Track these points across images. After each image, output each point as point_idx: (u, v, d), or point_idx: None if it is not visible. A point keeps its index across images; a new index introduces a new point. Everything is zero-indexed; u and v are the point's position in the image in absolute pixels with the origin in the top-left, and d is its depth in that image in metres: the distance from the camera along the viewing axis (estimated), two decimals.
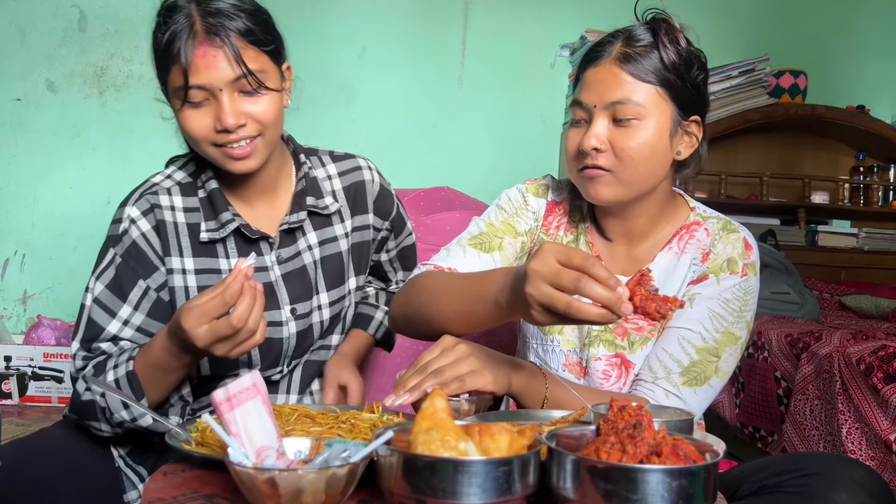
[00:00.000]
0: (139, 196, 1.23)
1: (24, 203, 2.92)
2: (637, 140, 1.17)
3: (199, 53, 1.11)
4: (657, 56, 1.18)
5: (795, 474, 0.98)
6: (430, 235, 2.35)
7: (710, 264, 1.25)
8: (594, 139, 1.18)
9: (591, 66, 1.21)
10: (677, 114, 1.20)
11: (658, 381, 1.19)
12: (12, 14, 2.89)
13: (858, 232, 3.48)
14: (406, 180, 2.99)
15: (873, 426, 1.84)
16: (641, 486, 0.70)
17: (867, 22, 3.68)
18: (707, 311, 1.21)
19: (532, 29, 3.33)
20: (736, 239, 1.26)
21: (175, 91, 1.13)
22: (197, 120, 1.14)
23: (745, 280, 1.24)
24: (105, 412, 1.13)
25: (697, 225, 1.30)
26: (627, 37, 1.21)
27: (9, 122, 2.90)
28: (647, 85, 1.17)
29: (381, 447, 0.75)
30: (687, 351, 1.19)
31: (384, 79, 3.21)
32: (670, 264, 1.28)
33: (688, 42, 1.22)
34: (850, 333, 2.09)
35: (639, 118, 1.17)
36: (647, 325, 1.25)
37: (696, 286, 1.24)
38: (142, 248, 1.20)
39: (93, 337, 1.18)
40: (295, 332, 1.27)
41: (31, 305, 2.93)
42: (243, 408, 0.78)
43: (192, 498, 0.81)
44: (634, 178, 1.20)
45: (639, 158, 1.18)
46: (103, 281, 1.19)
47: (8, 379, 2.48)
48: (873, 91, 3.67)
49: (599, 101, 1.18)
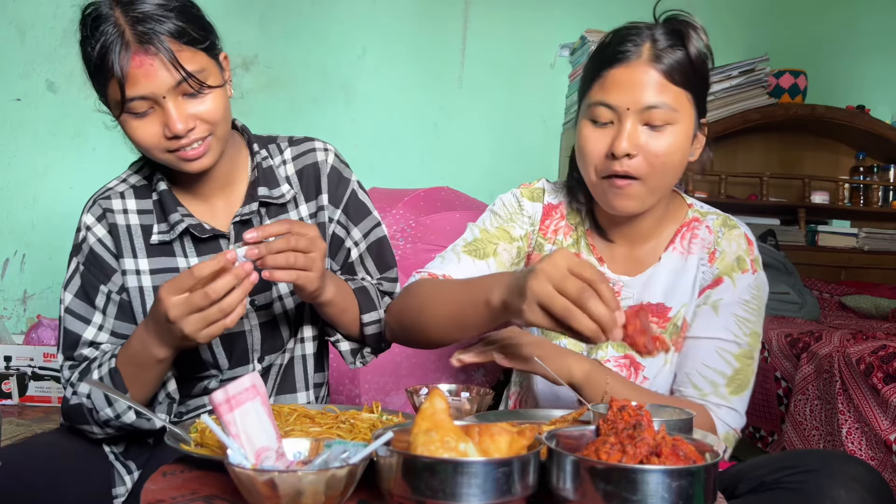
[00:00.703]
0: (93, 202, 1.24)
1: (24, 203, 2.92)
2: (670, 146, 1.15)
3: (134, 64, 1.07)
4: (686, 59, 1.15)
5: (793, 471, 0.98)
6: (430, 235, 2.35)
7: (719, 265, 1.25)
8: (628, 143, 1.13)
9: (618, 66, 1.16)
10: (696, 117, 1.19)
11: (707, 397, 1.20)
12: (12, 14, 2.89)
13: (858, 232, 3.48)
14: (406, 180, 2.99)
15: (873, 426, 1.84)
16: (641, 487, 0.70)
17: (867, 22, 3.67)
18: (733, 318, 1.22)
19: (532, 29, 3.33)
20: (738, 235, 1.26)
21: (116, 103, 1.10)
22: (144, 129, 1.11)
23: (756, 277, 1.25)
24: (92, 413, 1.14)
25: (697, 222, 1.29)
26: (654, 37, 1.16)
27: (9, 122, 2.90)
28: (679, 89, 1.14)
29: (380, 448, 0.75)
30: (728, 361, 1.20)
31: (384, 79, 3.21)
32: (678, 264, 1.27)
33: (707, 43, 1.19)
34: (850, 333, 2.09)
35: (672, 123, 1.14)
36: (657, 328, 1.25)
37: (713, 292, 1.24)
38: (98, 254, 1.22)
39: (72, 345, 1.20)
40: (258, 324, 1.26)
41: (31, 305, 2.93)
42: (242, 409, 0.78)
43: (192, 499, 0.80)
44: (662, 185, 1.18)
45: (669, 165, 1.16)
46: (71, 290, 1.22)
47: (8, 379, 2.48)
48: (873, 91, 3.67)
49: (633, 104, 1.14)
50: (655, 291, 1.27)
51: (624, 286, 1.28)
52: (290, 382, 1.33)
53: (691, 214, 1.31)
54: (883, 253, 3.47)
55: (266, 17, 3.03)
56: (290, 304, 1.29)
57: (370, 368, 2.07)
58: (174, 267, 1.23)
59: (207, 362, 1.23)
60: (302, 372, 1.34)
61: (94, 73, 1.11)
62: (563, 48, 3.35)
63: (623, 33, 1.18)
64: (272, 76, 3.08)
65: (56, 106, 2.92)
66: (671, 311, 1.26)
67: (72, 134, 2.93)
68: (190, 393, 1.26)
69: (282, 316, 1.29)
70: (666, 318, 1.25)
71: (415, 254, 2.30)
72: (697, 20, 1.18)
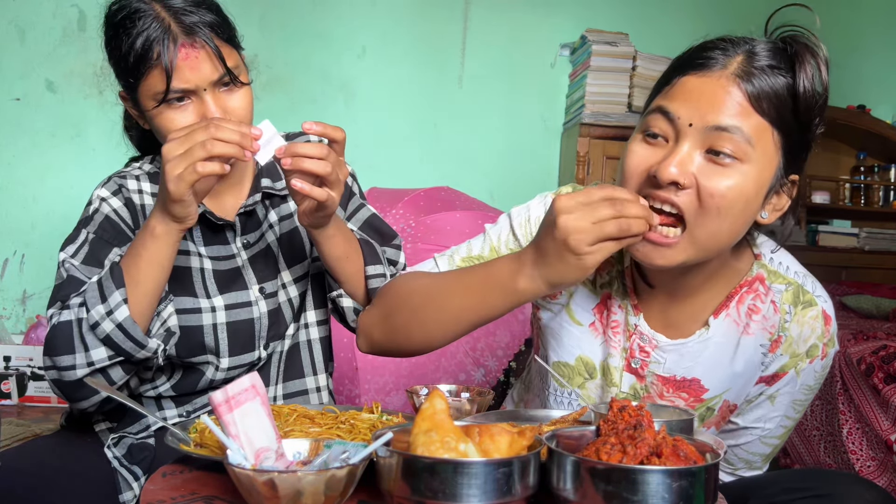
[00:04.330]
0: (108, 180, 1.25)
1: (23, 203, 2.92)
2: (733, 188, 0.89)
3: (181, 56, 1.09)
4: (788, 90, 0.91)
5: (805, 493, 0.94)
6: (430, 235, 2.35)
7: (783, 352, 1.04)
8: (676, 168, 0.89)
9: (696, 73, 0.92)
10: (782, 167, 0.93)
11: (738, 471, 1.16)
12: (12, 14, 2.89)
13: (859, 232, 3.48)
14: (406, 180, 2.99)
15: (874, 426, 1.84)
16: (642, 487, 0.70)
17: (867, 22, 3.68)
18: (791, 405, 1.10)
19: (532, 29, 3.33)
20: (814, 318, 1.03)
21: (153, 95, 1.11)
22: (182, 121, 1.12)
23: (826, 360, 1.06)
24: (80, 325, 1.06)
25: (762, 285, 1.04)
26: (754, 51, 0.93)
27: (8, 122, 2.90)
28: (763, 120, 0.90)
29: (380, 448, 0.75)
30: (770, 444, 1.14)
31: (384, 79, 3.21)
32: (729, 339, 1.04)
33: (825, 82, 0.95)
34: (851, 333, 2.09)
35: (741, 159, 0.89)
36: (683, 405, 1.08)
37: (773, 386, 1.08)
38: (115, 221, 1.20)
39: (71, 292, 1.12)
40: (266, 312, 1.26)
41: (30, 305, 2.93)
42: (242, 409, 0.78)
43: (191, 499, 0.80)
44: (709, 240, 0.92)
45: (726, 212, 0.90)
46: (78, 258, 1.17)
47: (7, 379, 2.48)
48: (874, 91, 3.67)
49: (700, 120, 0.89)
50: (694, 366, 1.05)
51: (657, 346, 1.06)
52: (297, 368, 1.34)
53: (756, 271, 1.04)
54: (883, 253, 3.47)
55: (266, 17, 3.03)
56: (293, 292, 1.30)
57: (370, 368, 2.07)
58: (185, 250, 1.23)
59: (209, 347, 1.22)
60: (309, 357, 1.35)
61: (131, 66, 1.11)
62: (563, 48, 3.35)
63: (716, 40, 0.96)
64: (272, 76, 3.08)
65: (56, 106, 2.92)
66: (707, 392, 1.07)
67: (72, 134, 2.93)
68: (194, 389, 1.25)
69: (286, 303, 1.29)
70: (699, 399, 1.07)
71: (415, 254, 2.30)
72: (823, 48, 0.95)
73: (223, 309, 1.23)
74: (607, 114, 3.04)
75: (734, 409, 1.11)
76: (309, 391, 1.34)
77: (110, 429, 1.24)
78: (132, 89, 1.15)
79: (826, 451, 1.99)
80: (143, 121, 1.21)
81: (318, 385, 1.35)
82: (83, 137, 2.93)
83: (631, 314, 1.06)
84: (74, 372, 1.07)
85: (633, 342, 1.06)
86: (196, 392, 1.26)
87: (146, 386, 1.23)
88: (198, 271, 1.23)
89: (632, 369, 1.07)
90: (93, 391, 1.10)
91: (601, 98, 3.05)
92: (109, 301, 1.05)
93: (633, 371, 1.07)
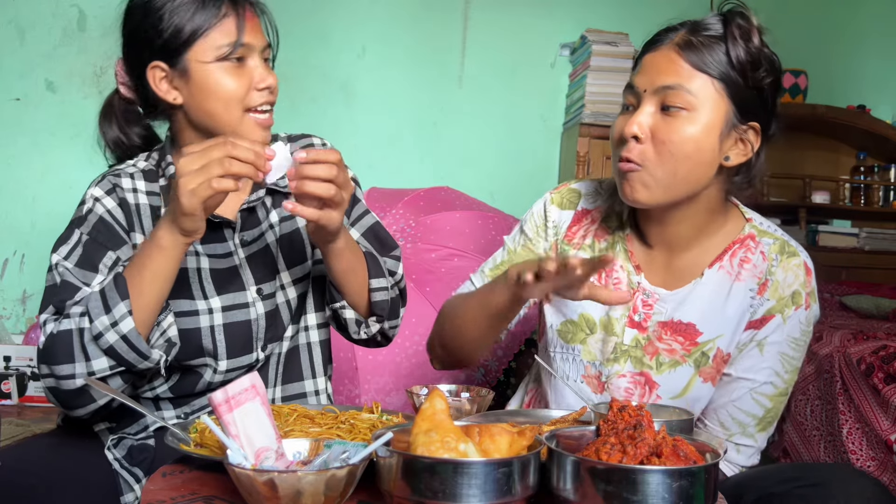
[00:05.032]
0: (102, 178, 1.24)
1: (23, 203, 2.92)
2: (681, 133, 1.08)
3: (248, 15, 1.18)
4: (723, 48, 1.09)
5: (800, 483, 0.97)
6: (430, 235, 2.36)
7: (770, 295, 1.16)
8: (636, 126, 1.09)
9: (650, 51, 1.14)
10: (734, 114, 1.11)
11: (733, 437, 1.18)
12: (12, 14, 2.89)
13: (859, 232, 3.48)
14: (406, 180, 2.99)
15: (874, 426, 1.84)
16: (642, 487, 0.70)
17: (867, 22, 3.67)
18: (779, 357, 1.17)
19: (532, 29, 3.32)
20: (797, 265, 1.17)
21: (218, 47, 1.15)
22: (235, 79, 1.17)
23: (809, 311, 1.17)
24: (82, 335, 1.06)
25: (752, 241, 1.19)
26: (695, 25, 1.13)
27: (8, 122, 2.90)
28: (704, 76, 1.09)
29: (380, 448, 0.75)
30: (762, 403, 1.17)
31: (384, 78, 3.21)
32: (722, 287, 1.18)
33: (762, 42, 1.12)
34: (851, 333, 2.08)
35: (688, 109, 1.08)
36: (680, 349, 1.18)
37: (761, 331, 1.16)
38: (108, 222, 1.20)
39: (66, 298, 1.12)
40: (263, 313, 1.26)
41: (30, 305, 2.93)
42: (242, 409, 0.78)
43: (191, 499, 0.80)
44: (670, 177, 1.10)
45: (679, 155, 1.09)
46: (71, 261, 1.16)
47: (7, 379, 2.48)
48: (874, 91, 3.67)
49: (650, 86, 1.11)
50: (691, 311, 1.18)
51: (659, 299, 1.20)
52: (297, 371, 1.33)
53: (748, 230, 1.20)
54: (884, 253, 3.47)
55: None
56: (292, 294, 1.29)
57: (370, 368, 2.07)
58: None
59: (207, 350, 1.22)
60: (308, 360, 1.34)
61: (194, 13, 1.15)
62: (563, 48, 3.35)
63: (672, 23, 1.17)
64: None
65: (55, 106, 2.92)
66: (702, 336, 1.18)
67: (71, 134, 2.92)
68: (192, 391, 1.25)
69: (284, 305, 1.29)
70: (693, 343, 1.18)
71: (415, 254, 2.30)
72: (755, 17, 1.13)
73: (220, 311, 1.22)
74: (607, 114, 3.04)
75: (727, 360, 1.19)
76: (308, 394, 1.33)
77: (109, 429, 1.24)
78: (178, 51, 1.16)
79: (826, 451, 1.99)
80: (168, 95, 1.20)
81: (318, 388, 1.35)
82: (83, 137, 2.91)
83: (633, 274, 1.21)
84: (74, 381, 1.07)
85: (637, 298, 1.20)
86: (194, 394, 1.26)
87: (144, 388, 1.22)
88: (195, 272, 1.23)
89: (634, 323, 1.20)
90: (90, 399, 1.10)
91: (601, 98, 3.05)
92: (114, 312, 1.05)
93: (635, 325, 1.20)
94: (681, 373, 1.18)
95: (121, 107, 1.30)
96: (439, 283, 2.16)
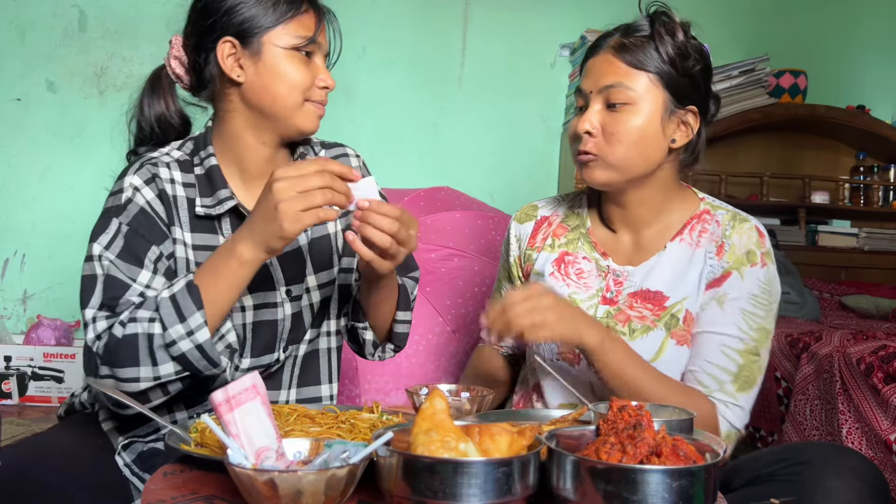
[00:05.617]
0: (140, 166, 1.22)
1: (23, 203, 2.92)
2: (626, 124, 1.22)
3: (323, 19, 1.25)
4: (653, 46, 1.23)
5: (788, 463, 1.00)
6: (430, 235, 2.35)
7: (727, 258, 1.26)
8: (587, 124, 1.24)
9: (592, 57, 1.29)
10: (671, 101, 1.24)
11: (713, 394, 1.20)
12: (12, 14, 2.89)
13: (858, 232, 3.48)
14: (406, 180, 2.99)
15: (873, 426, 1.84)
16: (641, 487, 0.70)
17: (867, 22, 3.68)
18: (740, 312, 1.22)
19: (532, 29, 3.33)
20: (749, 228, 1.27)
21: (295, 37, 1.20)
22: (303, 69, 1.21)
23: (766, 270, 1.25)
24: (151, 341, 1.06)
25: (708, 215, 1.31)
26: (627, 28, 1.27)
27: (9, 122, 2.90)
28: (640, 72, 1.23)
29: (380, 448, 0.75)
30: (731, 357, 1.21)
31: (384, 78, 3.21)
32: (684, 256, 1.29)
33: (686, 35, 1.26)
34: (851, 333, 2.09)
35: (630, 103, 1.22)
36: (651, 315, 1.26)
37: (720, 287, 1.24)
38: (150, 215, 1.18)
39: (115, 295, 1.11)
40: (290, 315, 1.27)
41: (31, 305, 2.93)
42: (242, 409, 0.78)
43: (192, 499, 0.81)
44: (624, 161, 1.24)
45: (627, 142, 1.22)
46: (113, 251, 1.14)
47: (8, 379, 2.48)
48: (873, 91, 3.67)
49: (595, 87, 1.25)
50: (657, 280, 1.29)
51: (628, 276, 1.31)
52: (315, 374, 1.34)
53: (703, 207, 1.33)
54: (883, 253, 3.47)
55: None
56: (316, 298, 1.30)
57: (370, 368, 2.08)
58: (215, 245, 1.21)
59: (233, 347, 1.22)
60: (326, 365, 1.35)
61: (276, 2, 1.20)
62: (563, 48, 3.35)
63: (608, 30, 1.31)
64: None
65: (56, 106, 2.92)
66: (669, 300, 1.27)
67: (72, 134, 2.93)
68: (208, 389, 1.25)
69: (307, 308, 1.30)
70: (662, 307, 1.27)
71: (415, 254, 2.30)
72: (676, 15, 1.27)
73: (252, 308, 1.23)
74: None
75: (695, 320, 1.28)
76: (322, 399, 1.34)
77: (118, 428, 1.23)
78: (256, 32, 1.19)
79: None
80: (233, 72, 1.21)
81: (332, 393, 1.36)
82: (83, 137, 2.93)
83: (601, 260, 1.34)
84: (138, 384, 1.07)
85: (609, 279, 1.32)
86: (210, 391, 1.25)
87: None
88: None
89: (607, 300, 1.31)
90: (146, 401, 1.10)
91: None
92: (189, 321, 1.06)
93: (608, 301, 1.31)
94: (653, 337, 1.25)
95: (167, 80, 1.30)
96: (439, 282, 2.16)
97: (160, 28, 3.04)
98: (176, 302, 1.07)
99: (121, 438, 1.20)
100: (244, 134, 1.24)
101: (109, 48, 2.93)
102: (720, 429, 1.19)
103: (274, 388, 1.30)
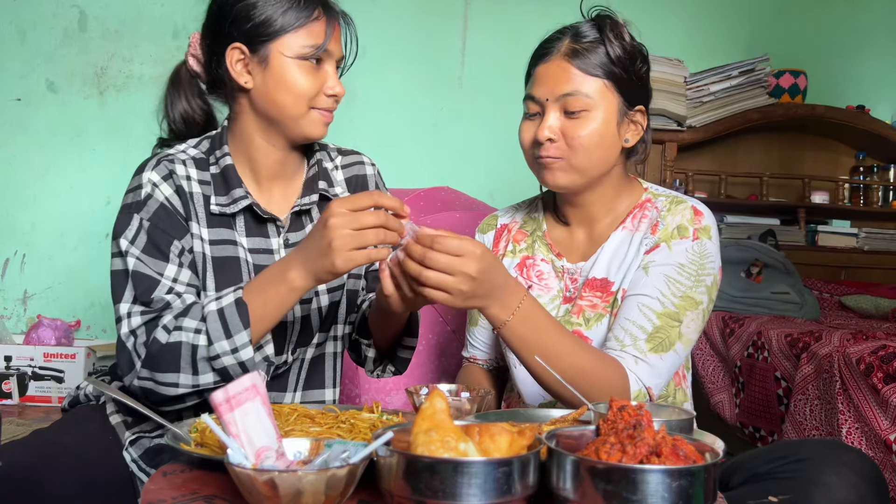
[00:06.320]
0: (157, 162, 1.23)
1: (23, 203, 2.92)
2: (587, 130, 1.26)
3: (336, 24, 1.26)
4: (604, 51, 1.27)
5: (786, 460, 1.00)
6: None
7: (660, 234, 1.30)
8: (548, 131, 1.28)
9: (542, 63, 1.31)
10: (623, 104, 1.29)
11: (626, 349, 1.22)
12: (12, 14, 2.89)
13: (858, 232, 3.48)
14: (406, 180, 2.99)
15: (873, 426, 1.84)
16: (641, 487, 0.70)
17: (867, 22, 3.67)
18: (662, 277, 1.26)
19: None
20: (684, 208, 1.31)
21: (303, 46, 1.20)
22: (311, 77, 1.22)
23: (698, 243, 1.29)
24: (195, 351, 1.07)
25: (649, 202, 1.36)
26: (575, 33, 1.31)
27: (9, 122, 2.90)
28: (595, 78, 1.27)
29: (380, 448, 0.75)
30: (648, 317, 1.23)
31: (384, 79, 3.21)
32: (624, 241, 1.34)
33: (631, 37, 1.30)
34: (850, 333, 2.09)
35: (588, 109, 1.26)
36: (601, 303, 1.31)
37: (648, 256, 1.29)
38: (170, 210, 1.20)
39: (147, 290, 1.13)
40: (299, 317, 1.27)
41: (31, 305, 2.93)
42: (242, 409, 0.78)
43: (192, 499, 0.81)
44: (586, 164, 1.28)
45: (589, 146, 1.27)
46: (138, 246, 1.16)
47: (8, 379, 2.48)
48: (873, 91, 3.67)
49: (551, 95, 1.28)
50: (600, 268, 1.34)
51: (581, 272, 1.36)
52: (320, 378, 1.35)
53: (645, 196, 1.38)
54: (883, 253, 3.47)
55: None
56: (325, 302, 1.31)
57: None
58: (232, 240, 1.23)
59: None
60: (332, 369, 1.36)
61: (289, 8, 1.19)
62: None
63: (552, 34, 1.36)
64: None
65: (56, 106, 2.92)
66: (613, 286, 1.31)
67: (72, 134, 2.92)
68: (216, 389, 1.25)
69: (316, 311, 1.30)
70: (609, 293, 1.31)
71: None
72: (619, 17, 1.32)
73: None
74: None
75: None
76: (326, 402, 1.35)
77: (125, 422, 1.23)
78: (264, 39, 1.19)
79: None
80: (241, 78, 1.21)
81: (335, 397, 1.37)
82: (83, 137, 2.93)
83: (556, 261, 1.40)
84: (176, 389, 1.10)
85: (565, 279, 1.38)
86: None
87: None
88: (244, 263, 1.23)
89: (567, 299, 1.36)
90: (181, 402, 1.13)
91: None
92: (235, 339, 1.08)
93: (568, 300, 1.36)
94: (605, 324, 1.29)
95: (186, 77, 1.31)
96: None
97: (160, 28, 3.04)
98: (224, 317, 1.08)
99: (128, 434, 1.21)
100: (255, 136, 1.25)
101: (109, 48, 2.93)
102: (630, 389, 1.19)
103: (279, 391, 1.30)
